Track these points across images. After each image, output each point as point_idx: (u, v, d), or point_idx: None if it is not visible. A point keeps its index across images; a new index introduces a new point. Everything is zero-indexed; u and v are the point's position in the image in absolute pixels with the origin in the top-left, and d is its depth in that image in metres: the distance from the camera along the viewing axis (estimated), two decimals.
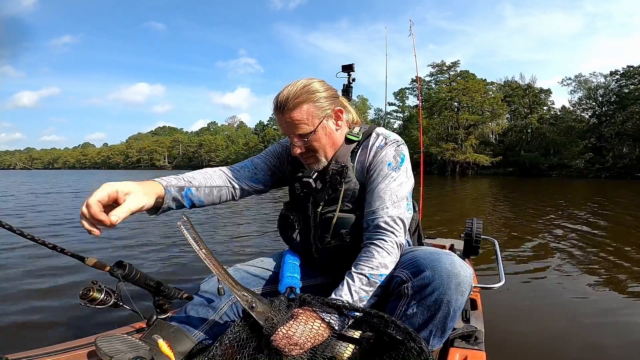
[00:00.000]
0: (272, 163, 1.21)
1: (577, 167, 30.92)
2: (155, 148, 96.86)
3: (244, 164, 1.21)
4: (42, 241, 0.89)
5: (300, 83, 1.01)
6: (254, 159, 1.22)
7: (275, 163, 1.22)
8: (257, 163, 1.20)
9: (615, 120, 31.69)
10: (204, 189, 1.06)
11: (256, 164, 1.20)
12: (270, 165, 1.21)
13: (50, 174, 49.56)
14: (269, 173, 1.20)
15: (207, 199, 1.08)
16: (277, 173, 1.22)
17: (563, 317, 2.23)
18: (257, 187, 1.19)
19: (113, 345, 0.90)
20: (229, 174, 1.14)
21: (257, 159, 1.22)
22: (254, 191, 1.19)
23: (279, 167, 1.22)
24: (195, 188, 1.03)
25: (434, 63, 40.23)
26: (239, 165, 1.19)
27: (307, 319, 0.79)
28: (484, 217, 6.30)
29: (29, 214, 6.71)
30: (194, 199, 1.03)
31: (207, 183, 1.07)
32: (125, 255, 3.52)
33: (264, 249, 3.87)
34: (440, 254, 0.87)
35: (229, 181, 1.13)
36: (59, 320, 2.04)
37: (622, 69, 31.93)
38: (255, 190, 1.19)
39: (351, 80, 2.21)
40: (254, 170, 1.18)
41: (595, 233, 4.99)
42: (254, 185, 1.18)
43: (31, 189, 13.52)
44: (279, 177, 1.23)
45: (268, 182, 1.21)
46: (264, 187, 1.21)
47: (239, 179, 1.15)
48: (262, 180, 1.19)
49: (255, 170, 1.18)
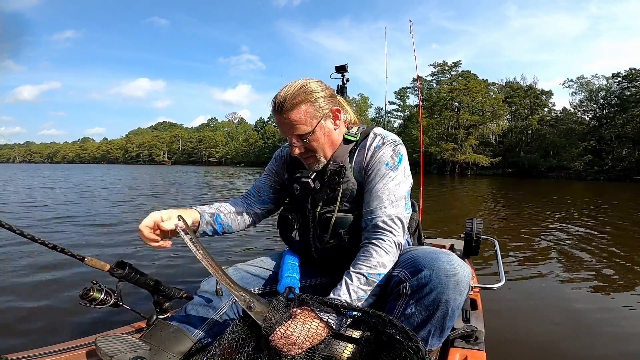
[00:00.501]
0: (272, 180, 1.27)
1: (576, 169, 30.91)
2: (155, 143, 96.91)
3: (249, 191, 1.29)
4: (42, 241, 0.89)
5: (297, 84, 1.01)
6: (256, 183, 1.29)
7: (274, 179, 1.27)
8: (259, 186, 1.27)
9: (615, 123, 31.60)
10: (229, 214, 1.17)
11: (258, 188, 1.27)
12: (271, 184, 1.27)
13: (48, 167, 49.41)
14: (271, 191, 1.27)
15: (234, 224, 1.19)
16: (278, 189, 1.28)
17: (563, 317, 2.24)
18: (267, 207, 1.27)
19: (113, 345, 0.90)
20: (243, 201, 1.24)
21: (258, 182, 1.29)
22: (267, 212, 1.29)
23: (279, 183, 1.27)
24: (223, 214, 1.15)
25: (435, 63, 40.15)
26: (246, 194, 1.28)
27: (305, 319, 0.80)
28: (483, 217, 6.30)
29: (23, 210, 6.69)
30: (223, 223, 1.14)
31: (231, 210, 1.18)
32: (125, 255, 3.51)
33: (264, 249, 3.87)
34: (439, 253, 0.87)
35: (246, 207, 1.22)
36: (59, 320, 2.03)
37: (624, 72, 31.87)
38: (268, 210, 1.28)
39: (345, 81, 2.23)
40: (258, 193, 1.26)
41: (595, 234, 5.01)
42: (264, 207, 1.27)
43: (26, 185, 13.46)
44: (282, 191, 1.28)
45: (274, 200, 1.28)
46: (273, 207, 1.29)
47: (251, 205, 1.24)
48: (268, 200, 1.27)
49: (260, 193, 1.26)
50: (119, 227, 4.92)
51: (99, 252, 3.63)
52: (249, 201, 1.25)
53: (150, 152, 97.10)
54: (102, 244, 4.01)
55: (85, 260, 0.95)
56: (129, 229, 4.72)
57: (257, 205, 1.25)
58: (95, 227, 4.97)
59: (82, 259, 0.95)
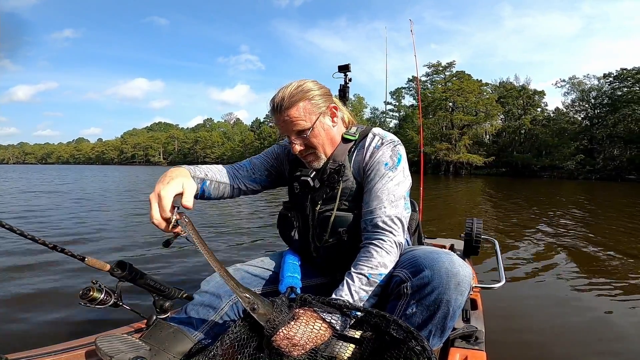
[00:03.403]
0: (270, 163, 1.24)
1: (568, 169, 31.21)
2: (150, 144, 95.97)
3: (242, 163, 1.23)
4: (43, 241, 0.88)
5: (294, 84, 1.04)
6: (253, 159, 1.24)
7: (273, 163, 1.24)
8: (255, 163, 1.23)
9: (607, 123, 31.98)
10: (214, 183, 1.11)
11: (254, 164, 1.22)
12: (268, 166, 1.23)
13: (41, 169, 48.79)
14: (266, 173, 1.23)
15: (214, 193, 1.13)
16: (273, 173, 1.24)
17: (563, 317, 2.24)
18: (253, 187, 1.22)
19: (113, 345, 0.90)
20: (231, 172, 1.18)
21: (255, 159, 1.24)
22: (250, 191, 1.22)
23: (276, 168, 1.24)
24: (209, 181, 1.10)
25: (430, 63, 40.34)
26: (237, 165, 1.22)
27: (308, 320, 0.80)
28: (481, 216, 6.33)
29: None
30: (206, 191, 1.10)
31: (217, 178, 1.12)
32: (125, 255, 3.50)
33: (264, 249, 3.86)
34: (440, 253, 0.88)
35: (232, 179, 1.16)
36: (59, 320, 2.02)
37: (616, 72, 32.30)
38: (252, 190, 1.22)
39: (348, 80, 2.23)
40: (252, 170, 1.21)
41: (595, 234, 5.03)
42: (250, 185, 1.21)
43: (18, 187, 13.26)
44: (276, 178, 1.25)
45: (264, 183, 1.24)
46: (260, 188, 1.25)
47: (238, 178, 1.18)
48: (259, 180, 1.22)
49: (253, 170, 1.21)
50: (119, 227, 4.88)
51: (98, 253, 3.62)
52: (238, 174, 1.19)
53: (146, 153, 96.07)
54: (102, 244, 3.99)
55: (85, 260, 0.94)
56: (129, 229, 4.69)
57: (245, 181, 1.19)
58: (96, 227, 4.92)
59: (82, 259, 0.94)
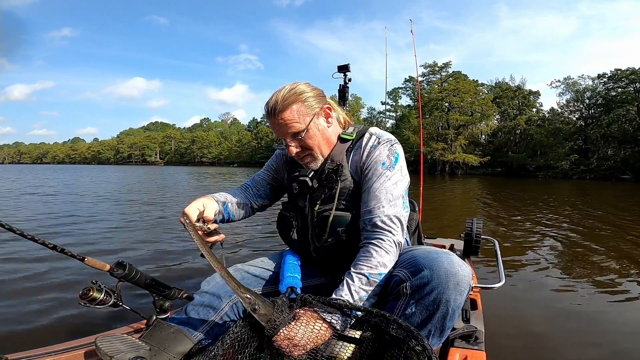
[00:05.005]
0: (271, 176, 1.28)
1: (563, 169, 31.45)
2: (147, 144, 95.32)
3: (246, 184, 1.29)
4: (42, 241, 0.88)
5: (286, 87, 1.06)
6: (255, 177, 1.30)
7: (273, 176, 1.28)
8: (257, 180, 1.29)
9: (601, 123, 32.30)
10: (234, 205, 1.18)
11: (257, 182, 1.28)
12: (269, 180, 1.28)
13: (37, 169, 48.33)
14: (269, 187, 1.28)
15: (237, 215, 1.21)
16: (276, 185, 1.29)
17: (563, 317, 2.24)
18: (262, 202, 1.29)
19: (113, 345, 0.90)
20: (241, 193, 1.24)
21: (257, 176, 1.30)
22: (262, 207, 1.30)
23: (276, 179, 1.28)
24: (230, 204, 1.17)
25: (426, 64, 40.46)
26: (244, 186, 1.29)
27: (309, 320, 0.80)
28: (479, 216, 6.36)
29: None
30: (230, 213, 1.17)
31: (234, 200, 1.19)
32: (125, 255, 3.47)
33: (265, 249, 3.86)
34: (439, 253, 0.88)
35: (245, 199, 1.23)
36: (59, 320, 2.01)
37: (610, 72, 32.58)
38: (262, 205, 1.30)
39: (347, 80, 2.24)
40: (256, 187, 1.28)
41: (595, 234, 5.04)
42: (259, 202, 1.28)
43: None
44: (279, 188, 1.30)
45: (270, 196, 1.30)
46: (268, 202, 1.31)
47: (249, 198, 1.25)
48: (265, 195, 1.28)
49: (257, 188, 1.28)
50: (119, 227, 4.85)
51: (99, 253, 3.60)
52: (248, 194, 1.26)
53: (142, 153, 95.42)
54: (102, 244, 3.97)
55: (85, 260, 0.94)
56: (129, 229, 4.67)
57: (254, 199, 1.26)
58: (95, 227, 4.89)
59: (82, 259, 0.94)
